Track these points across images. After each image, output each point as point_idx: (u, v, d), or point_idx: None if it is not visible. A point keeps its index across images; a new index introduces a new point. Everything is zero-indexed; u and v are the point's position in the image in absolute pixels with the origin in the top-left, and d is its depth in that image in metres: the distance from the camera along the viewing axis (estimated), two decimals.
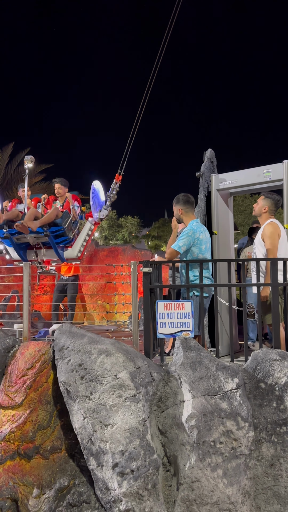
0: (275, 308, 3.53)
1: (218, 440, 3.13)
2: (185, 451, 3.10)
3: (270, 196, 4.27)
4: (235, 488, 3.10)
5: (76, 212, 5.79)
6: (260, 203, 4.24)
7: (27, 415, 3.32)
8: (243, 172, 5.24)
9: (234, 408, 3.20)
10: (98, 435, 3.09)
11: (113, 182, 5.60)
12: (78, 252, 5.63)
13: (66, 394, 3.27)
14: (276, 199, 4.25)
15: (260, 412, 3.33)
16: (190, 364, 3.33)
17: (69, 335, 3.46)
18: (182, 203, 4.00)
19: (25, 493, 3.16)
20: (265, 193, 4.32)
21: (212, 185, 5.39)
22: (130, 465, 3.00)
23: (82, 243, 5.68)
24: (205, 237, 3.87)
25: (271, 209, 4.22)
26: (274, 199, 4.23)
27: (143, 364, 3.34)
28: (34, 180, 13.37)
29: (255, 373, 3.39)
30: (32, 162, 5.31)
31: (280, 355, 3.39)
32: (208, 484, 3.03)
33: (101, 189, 5.88)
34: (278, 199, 4.26)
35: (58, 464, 3.29)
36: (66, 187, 5.97)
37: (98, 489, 3.09)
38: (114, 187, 5.58)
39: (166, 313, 3.58)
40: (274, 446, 3.28)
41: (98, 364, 3.24)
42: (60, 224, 5.39)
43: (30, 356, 3.52)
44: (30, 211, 5.37)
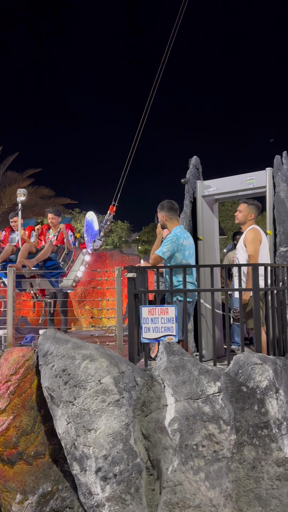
0: (256, 313, 3.59)
1: (201, 444, 3.17)
2: (168, 455, 3.14)
3: (253, 203, 4.36)
4: (217, 491, 3.14)
5: (70, 242, 5.92)
6: (245, 211, 4.32)
7: (10, 421, 3.32)
8: (227, 179, 5.33)
9: (216, 412, 3.25)
10: (81, 440, 3.11)
11: (107, 214, 5.78)
12: (73, 281, 5.75)
13: (49, 399, 3.28)
14: (259, 205, 4.35)
15: (242, 415, 3.38)
16: (173, 369, 3.37)
17: (53, 341, 3.48)
18: (167, 210, 4.06)
19: (8, 499, 3.16)
20: (247, 200, 4.41)
21: (198, 192, 5.47)
22: (113, 470, 3.02)
23: (76, 273, 5.77)
24: (188, 243, 3.93)
25: (256, 215, 4.32)
26: (257, 205, 4.34)
27: (127, 369, 3.37)
28: (22, 185, 13.32)
29: (237, 376, 3.45)
30: (25, 195, 5.48)
31: (261, 359, 3.45)
32: (191, 487, 3.07)
33: (95, 219, 6.06)
34: (260, 205, 4.37)
35: (42, 469, 3.30)
36: (60, 217, 6.10)
37: (82, 494, 3.10)
38: (108, 218, 5.75)
39: (150, 318, 3.62)
40: (256, 449, 3.33)
41: (82, 370, 3.26)
42: (54, 258, 5.56)
43: (14, 361, 3.53)
44: (24, 248, 5.46)
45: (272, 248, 4.95)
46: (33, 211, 14.28)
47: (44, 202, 13.86)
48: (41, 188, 13.79)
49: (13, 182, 13.55)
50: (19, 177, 13.90)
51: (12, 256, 5.62)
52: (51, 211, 6.06)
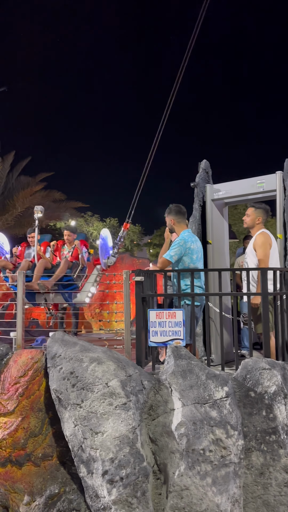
0: (265, 317, 3.57)
1: (208, 448, 3.15)
2: (175, 459, 3.13)
3: (260, 206, 4.34)
4: (224, 496, 3.12)
5: (84, 258, 6.07)
6: (253, 215, 4.31)
7: (19, 423, 3.36)
8: (237, 183, 5.31)
9: (224, 417, 3.24)
10: (88, 442, 3.13)
11: (121, 231, 5.92)
12: (87, 297, 5.86)
13: (57, 401, 3.31)
14: (266, 208, 4.32)
15: (250, 420, 3.35)
16: (181, 373, 3.37)
17: (62, 343, 3.51)
18: (174, 214, 4.07)
19: (16, 500, 3.18)
20: (254, 204, 4.39)
21: (207, 195, 5.46)
22: (120, 473, 3.03)
23: (90, 289, 5.91)
24: (196, 247, 3.93)
25: (264, 219, 4.29)
26: (265, 209, 4.31)
27: (134, 373, 3.38)
28: (35, 189, 13.49)
29: (245, 381, 3.43)
30: (42, 212, 5.77)
31: (270, 364, 3.42)
32: (197, 492, 3.06)
33: (109, 236, 6.26)
34: (268, 208, 4.34)
35: (49, 471, 3.32)
36: (75, 234, 6.29)
37: (88, 497, 3.12)
38: (122, 235, 5.88)
39: (158, 322, 3.63)
40: (264, 454, 3.30)
41: (89, 372, 3.28)
42: (70, 274, 5.74)
43: (23, 364, 3.57)
44: (39, 265, 5.68)
45: (283, 252, 4.91)
46: (46, 214, 14.41)
47: (56, 206, 13.99)
48: (53, 192, 13.93)
49: (26, 186, 13.70)
50: (32, 181, 14.05)
51: (28, 271, 5.82)
52: (67, 228, 6.29)
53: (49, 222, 16.66)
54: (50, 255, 6.22)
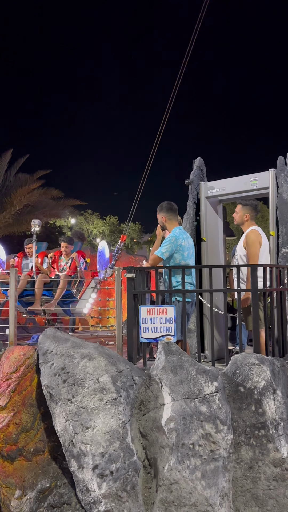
0: (254, 314, 3.60)
1: (197, 443, 3.19)
2: (164, 454, 3.17)
3: (247, 203, 4.35)
4: (213, 490, 3.16)
5: (82, 270, 6.12)
6: (240, 212, 4.32)
7: (10, 418, 3.39)
8: (231, 180, 5.33)
9: (213, 411, 3.27)
10: (79, 437, 3.17)
11: (118, 243, 5.98)
12: (85, 308, 5.90)
13: (49, 397, 3.34)
14: (254, 204, 4.33)
15: (239, 415, 3.39)
16: (171, 368, 3.40)
17: (53, 340, 3.55)
18: (166, 211, 4.09)
19: (8, 494, 3.22)
20: (241, 201, 4.40)
21: (201, 193, 5.49)
22: (110, 467, 3.07)
23: (88, 300, 5.95)
24: (187, 244, 3.96)
25: (251, 215, 4.30)
26: (252, 205, 4.31)
27: (125, 368, 3.41)
28: (33, 187, 13.49)
29: (235, 377, 3.46)
30: (39, 226, 5.80)
31: (259, 359, 3.46)
32: (187, 486, 3.10)
33: (107, 248, 6.30)
34: (255, 203, 4.35)
35: (41, 466, 3.36)
36: (72, 245, 6.33)
37: (79, 491, 3.15)
38: (120, 247, 5.93)
39: (149, 318, 3.66)
40: (253, 449, 3.34)
41: (80, 368, 3.32)
42: (69, 288, 5.83)
43: (15, 360, 3.60)
44: (39, 282, 5.69)
45: (275, 249, 4.94)
46: (43, 212, 14.44)
47: (54, 203, 14.00)
48: (51, 189, 13.93)
49: (23, 184, 13.71)
50: (30, 178, 14.05)
51: (27, 285, 5.88)
52: (64, 239, 6.31)
53: (48, 220, 16.68)
54: (48, 266, 6.27)
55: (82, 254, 6.37)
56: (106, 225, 43.22)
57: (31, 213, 14.11)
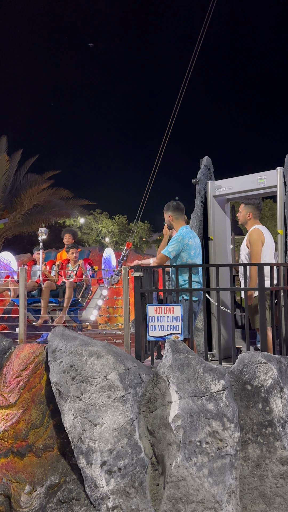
0: (261, 312, 3.61)
1: (204, 440, 3.21)
2: (172, 451, 3.20)
3: (249, 202, 4.35)
4: (220, 487, 3.18)
5: (89, 277, 6.18)
6: (243, 211, 4.33)
7: (20, 415, 3.45)
8: (238, 179, 5.34)
9: (220, 409, 3.29)
10: (87, 434, 3.21)
11: (123, 250, 6.04)
12: (92, 315, 5.95)
13: (57, 394, 3.39)
14: (256, 203, 4.33)
15: (246, 413, 3.41)
16: (178, 366, 3.43)
17: (62, 338, 3.60)
18: (172, 210, 4.12)
19: (18, 490, 3.28)
20: (244, 200, 4.41)
21: (209, 192, 5.50)
22: (118, 463, 3.11)
23: (95, 306, 6.03)
24: (194, 243, 3.98)
25: (254, 214, 4.30)
26: (254, 204, 4.32)
27: (133, 366, 3.45)
28: (42, 187, 13.60)
29: (242, 375, 3.48)
30: (46, 234, 5.89)
31: (266, 358, 3.47)
32: (194, 483, 3.12)
33: (113, 255, 6.35)
34: (258, 202, 4.35)
35: (50, 462, 3.42)
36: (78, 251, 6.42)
37: (88, 487, 3.20)
38: (125, 254, 5.98)
39: (156, 317, 3.69)
40: (260, 447, 3.35)
41: (88, 366, 3.36)
42: (74, 296, 5.86)
43: (24, 357, 3.66)
44: (45, 290, 5.70)
45: (283, 247, 4.93)
46: (53, 212, 14.55)
47: (64, 204, 14.09)
48: (60, 189, 14.03)
49: (33, 184, 13.83)
50: (39, 179, 14.18)
51: (34, 292, 5.93)
52: (71, 246, 6.43)
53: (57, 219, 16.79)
54: (56, 274, 6.33)
55: (89, 261, 6.46)
56: (115, 225, 43.37)
57: (40, 213, 14.24)
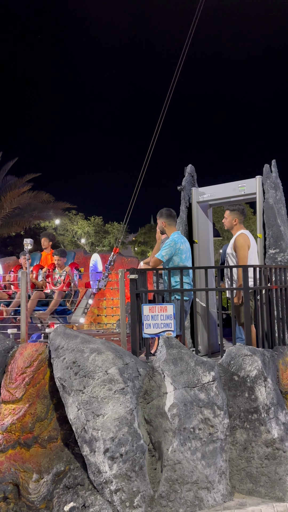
0: (246, 310, 3.98)
1: (197, 427, 3.55)
2: (168, 437, 3.51)
3: (234, 208, 4.71)
4: (212, 469, 3.52)
5: (76, 283, 6.21)
6: (229, 217, 4.69)
7: (26, 409, 3.69)
8: (220, 186, 5.71)
9: (211, 398, 3.63)
10: (90, 424, 3.48)
11: (111, 255, 6.18)
12: (81, 317, 6.10)
13: (61, 388, 3.65)
14: (241, 209, 4.70)
15: (234, 401, 3.76)
16: (172, 360, 3.75)
17: (64, 336, 3.86)
18: (165, 217, 4.45)
19: (26, 478, 3.52)
20: (229, 207, 4.76)
21: (193, 198, 5.86)
22: (120, 450, 3.39)
23: (83, 310, 6.10)
24: (185, 247, 4.32)
25: (240, 219, 4.67)
26: (239, 210, 4.68)
27: (131, 361, 3.74)
28: (22, 190, 13.69)
29: (229, 367, 3.83)
30: (31, 245, 5.94)
31: (251, 351, 3.83)
32: (189, 465, 3.45)
33: (99, 260, 6.47)
34: (242, 208, 4.72)
35: (55, 452, 3.67)
36: (64, 257, 6.41)
37: (91, 473, 3.47)
38: (112, 259, 6.13)
39: (151, 315, 4.00)
40: (247, 431, 3.71)
41: (90, 361, 3.63)
42: (63, 304, 5.99)
43: (28, 355, 3.90)
44: (33, 300, 5.77)
45: (262, 250, 5.34)
46: (32, 215, 14.65)
47: (44, 206, 14.21)
48: (41, 193, 14.14)
49: (13, 187, 13.89)
50: (19, 181, 14.24)
51: None
52: (57, 253, 6.37)
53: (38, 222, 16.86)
54: (43, 279, 6.33)
55: (75, 265, 6.46)
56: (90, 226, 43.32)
57: (20, 216, 14.31)
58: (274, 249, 5.22)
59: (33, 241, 6.28)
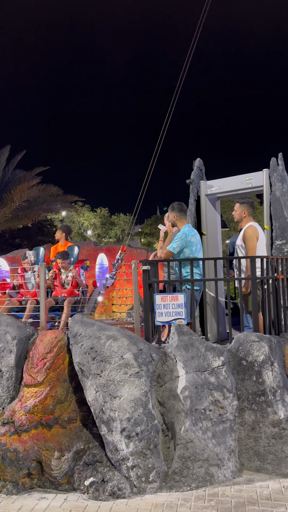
0: (253, 299, 4.18)
1: (208, 408, 3.78)
2: (180, 418, 3.75)
3: (244, 201, 4.88)
4: (222, 447, 3.75)
5: (84, 283, 6.15)
6: (239, 210, 4.87)
7: (47, 391, 3.94)
8: (228, 179, 5.87)
9: (221, 382, 3.86)
10: (108, 405, 3.73)
11: (118, 253, 6.23)
12: (90, 313, 6.15)
13: (80, 372, 3.89)
14: (250, 202, 4.88)
15: (242, 385, 3.98)
16: (184, 346, 3.97)
17: (81, 324, 4.09)
18: (177, 211, 4.65)
19: (48, 456, 3.78)
20: (238, 200, 4.93)
21: (201, 191, 6.02)
22: (135, 429, 3.64)
23: (92, 308, 6.17)
24: (195, 240, 4.52)
25: (249, 212, 4.85)
26: (248, 203, 4.86)
27: (144, 347, 3.97)
28: (32, 183, 13.89)
29: (238, 352, 4.05)
30: (34, 256, 6.09)
31: (258, 337, 4.04)
32: (200, 444, 3.68)
33: (105, 259, 6.49)
34: (251, 201, 4.90)
35: (74, 432, 3.92)
36: (67, 259, 6.22)
37: (109, 451, 3.72)
38: (120, 257, 6.19)
39: (163, 304, 4.22)
40: (254, 413, 3.93)
41: (106, 347, 3.87)
42: (73, 309, 5.93)
43: (48, 342, 4.14)
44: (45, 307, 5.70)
45: (269, 241, 5.52)
46: (42, 208, 14.88)
47: (53, 199, 14.42)
48: (50, 186, 14.34)
49: (22, 180, 14.09)
50: (28, 175, 14.44)
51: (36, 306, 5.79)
52: (59, 256, 6.20)
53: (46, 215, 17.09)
54: (50, 278, 6.19)
55: (81, 263, 6.41)
56: (97, 217, 43.53)
57: (29, 209, 14.54)
58: (281, 240, 5.39)
59: (36, 253, 6.37)
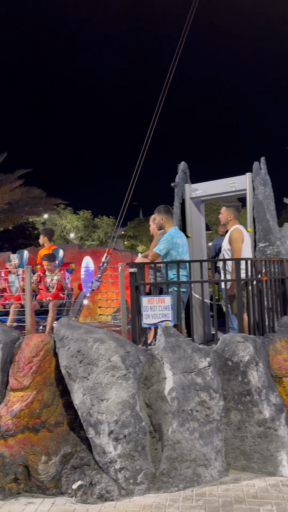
0: (238, 300, 4.25)
1: (195, 409, 3.81)
2: (168, 419, 3.77)
3: (230, 204, 5.00)
4: (209, 447, 3.79)
5: (69, 285, 6.16)
6: (225, 213, 4.97)
7: (34, 395, 3.91)
8: (212, 183, 5.96)
9: (207, 382, 3.90)
10: (95, 408, 3.72)
11: (104, 256, 6.27)
12: (75, 317, 6.15)
13: (67, 376, 3.88)
14: (236, 205, 5.00)
15: (228, 385, 4.03)
16: (170, 348, 4.00)
17: (68, 327, 4.08)
18: (164, 213, 4.70)
19: (35, 460, 3.75)
20: (225, 203, 5.04)
21: (186, 194, 6.09)
22: (123, 432, 3.64)
23: (77, 311, 6.17)
24: (182, 242, 4.57)
25: (235, 215, 4.95)
26: (234, 206, 4.98)
27: (132, 349, 3.98)
28: (14, 186, 13.76)
29: (224, 353, 4.10)
30: (19, 259, 6.10)
31: (244, 338, 4.10)
32: (187, 444, 3.71)
33: (90, 262, 6.50)
34: (237, 205, 5.02)
35: (62, 435, 3.90)
36: (54, 261, 6.26)
37: (97, 454, 3.72)
38: (105, 260, 6.22)
39: (150, 306, 4.24)
40: (240, 413, 3.99)
41: (94, 350, 3.87)
42: (59, 313, 5.98)
43: (34, 346, 4.11)
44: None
45: (252, 243, 5.61)
46: (24, 210, 14.74)
47: (36, 202, 14.32)
48: (33, 188, 14.24)
49: (4, 183, 13.95)
50: (10, 177, 14.31)
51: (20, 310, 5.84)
52: (45, 258, 6.23)
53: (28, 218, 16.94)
54: (35, 282, 6.16)
55: (66, 266, 6.37)
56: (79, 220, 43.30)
57: (11, 211, 14.39)
58: (264, 242, 5.49)
59: (19, 256, 6.37)
